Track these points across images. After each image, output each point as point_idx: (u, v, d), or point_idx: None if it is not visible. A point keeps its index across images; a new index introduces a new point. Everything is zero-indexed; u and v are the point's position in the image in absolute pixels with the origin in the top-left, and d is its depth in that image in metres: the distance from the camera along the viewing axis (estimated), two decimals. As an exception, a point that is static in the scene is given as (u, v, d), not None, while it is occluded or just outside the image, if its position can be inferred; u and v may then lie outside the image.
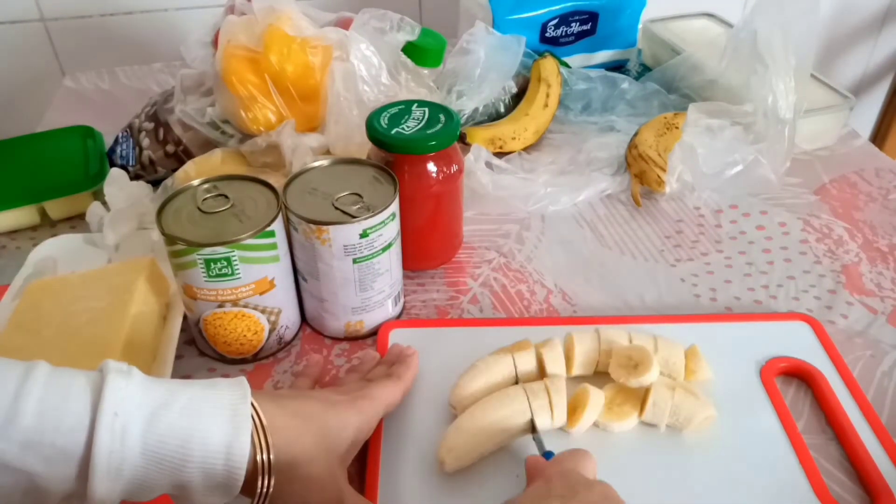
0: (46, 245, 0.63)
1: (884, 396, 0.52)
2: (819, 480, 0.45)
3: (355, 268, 0.52)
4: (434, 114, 0.57)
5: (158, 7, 1.10)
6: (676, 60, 0.83)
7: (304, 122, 0.65)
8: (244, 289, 0.50)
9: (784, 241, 0.67)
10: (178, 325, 0.54)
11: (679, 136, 0.71)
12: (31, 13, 1.07)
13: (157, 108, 0.72)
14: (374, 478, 0.45)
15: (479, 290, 0.62)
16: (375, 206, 0.50)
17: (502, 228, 0.69)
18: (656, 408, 0.48)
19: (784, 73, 0.69)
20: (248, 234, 0.48)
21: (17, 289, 0.58)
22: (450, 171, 0.57)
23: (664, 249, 0.66)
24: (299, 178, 0.54)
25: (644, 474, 0.46)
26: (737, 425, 0.49)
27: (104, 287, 0.53)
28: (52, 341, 0.49)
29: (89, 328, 0.50)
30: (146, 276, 0.53)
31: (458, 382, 0.49)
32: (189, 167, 0.65)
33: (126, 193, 0.63)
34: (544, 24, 0.87)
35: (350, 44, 0.64)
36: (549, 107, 0.80)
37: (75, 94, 0.95)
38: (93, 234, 0.64)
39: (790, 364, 0.53)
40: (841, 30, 1.40)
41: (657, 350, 0.51)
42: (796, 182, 0.75)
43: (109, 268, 0.57)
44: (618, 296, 0.61)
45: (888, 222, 0.69)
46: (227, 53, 0.62)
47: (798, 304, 0.60)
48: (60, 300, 0.53)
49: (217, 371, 0.55)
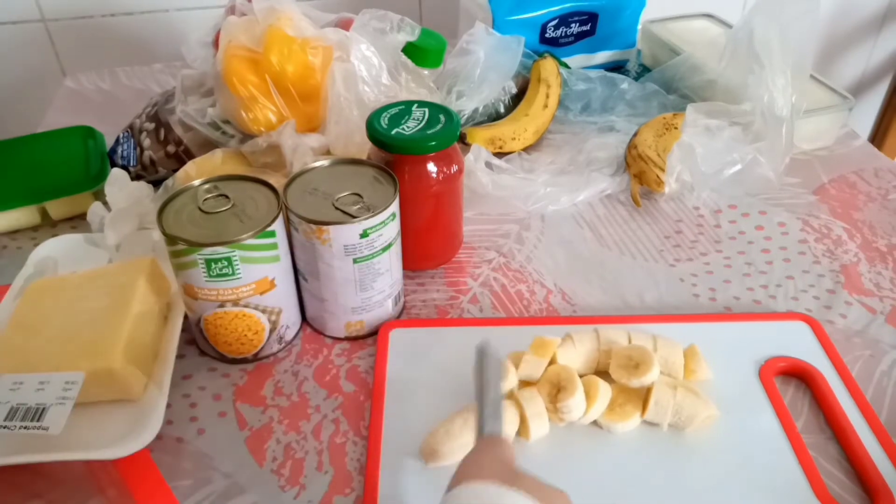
0: (47, 245, 0.63)
1: (883, 396, 0.52)
2: (818, 480, 0.45)
3: (355, 268, 0.52)
4: (434, 114, 0.58)
5: (159, 7, 1.10)
6: (676, 61, 0.83)
7: (305, 122, 0.65)
8: (245, 288, 0.50)
9: (783, 241, 0.67)
10: (179, 324, 0.54)
11: (678, 136, 0.72)
12: (32, 13, 1.07)
13: (157, 109, 0.72)
14: (374, 477, 0.46)
15: (479, 289, 0.62)
16: (375, 207, 0.51)
17: (502, 228, 0.69)
18: (658, 407, 0.48)
19: (782, 72, 0.70)
20: (248, 234, 0.48)
21: (17, 289, 0.58)
22: (450, 171, 0.57)
23: (664, 249, 0.66)
24: (300, 178, 0.54)
25: (645, 474, 0.46)
26: (736, 425, 0.49)
27: (105, 287, 0.53)
28: (54, 341, 0.49)
29: (90, 327, 0.50)
30: (147, 276, 0.53)
31: (432, 432, 0.47)
32: (189, 167, 0.65)
33: (127, 193, 0.63)
34: (544, 24, 0.87)
35: (350, 44, 0.64)
36: (548, 107, 0.80)
37: (76, 94, 0.95)
38: (93, 234, 0.64)
39: (789, 364, 0.53)
40: (840, 30, 1.40)
41: (656, 350, 0.51)
42: (795, 182, 0.75)
43: (110, 267, 0.57)
44: (617, 296, 0.61)
45: (887, 222, 0.69)
46: (227, 54, 0.62)
47: (797, 303, 0.60)
48: (61, 300, 0.53)
49: (217, 370, 0.55)
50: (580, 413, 0.48)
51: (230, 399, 0.53)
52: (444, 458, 0.46)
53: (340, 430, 0.50)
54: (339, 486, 0.47)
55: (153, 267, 0.55)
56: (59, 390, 0.45)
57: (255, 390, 0.53)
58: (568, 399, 0.47)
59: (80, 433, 0.47)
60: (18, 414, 0.44)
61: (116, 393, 0.49)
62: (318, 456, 0.49)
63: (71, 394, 0.45)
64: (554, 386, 0.48)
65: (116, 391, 0.49)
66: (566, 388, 0.47)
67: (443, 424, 0.47)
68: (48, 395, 0.45)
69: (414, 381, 0.52)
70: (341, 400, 0.52)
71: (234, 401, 0.52)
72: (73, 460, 0.46)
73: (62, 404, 0.44)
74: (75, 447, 0.46)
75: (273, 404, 0.52)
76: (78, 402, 0.45)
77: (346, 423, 0.51)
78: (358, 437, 0.50)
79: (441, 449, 0.46)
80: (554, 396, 0.47)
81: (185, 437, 0.50)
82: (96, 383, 0.47)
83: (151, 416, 0.47)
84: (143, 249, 0.60)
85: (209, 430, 0.50)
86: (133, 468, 0.46)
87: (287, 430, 0.50)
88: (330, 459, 0.48)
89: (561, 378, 0.48)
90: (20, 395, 0.45)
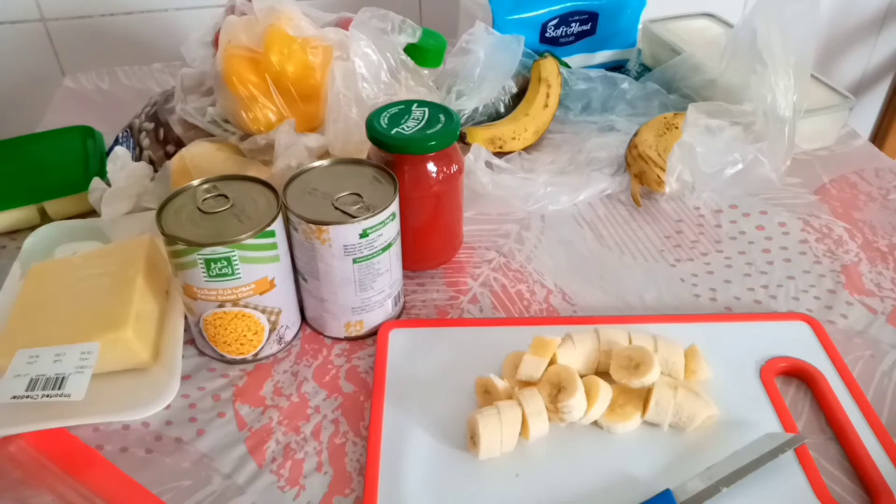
0: (43, 229, 0.65)
1: (883, 396, 0.52)
2: (819, 480, 0.45)
3: (355, 268, 0.52)
4: (434, 114, 0.57)
5: (158, 7, 1.10)
6: (676, 60, 0.83)
7: (305, 122, 0.65)
8: (244, 289, 0.50)
9: (784, 241, 0.67)
10: (181, 324, 0.55)
11: (679, 135, 0.71)
12: (31, 13, 1.07)
13: (157, 108, 0.72)
14: (374, 477, 0.46)
15: (479, 289, 0.62)
16: (375, 206, 0.50)
17: (502, 228, 0.69)
18: (659, 407, 0.48)
19: (783, 72, 0.70)
20: (248, 234, 0.48)
21: (17, 273, 0.61)
22: (450, 171, 0.57)
23: (664, 249, 0.66)
24: (299, 178, 0.54)
25: (645, 474, 0.46)
26: (736, 425, 0.49)
27: (108, 264, 0.55)
28: (63, 317, 0.52)
29: (98, 301, 0.52)
30: (146, 253, 0.56)
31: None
32: (184, 152, 0.64)
33: (127, 172, 0.64)
34: (544, 24, 0.87)
35: (350, 42, 0.64)
36: (549, 107, 0.80)
37: (75, 94, 0.95)
38: (88, 220, 0.66)
39: (790, 364, 0.53)
40: (841, 30, 1.40)
41: (657, 350, 0.51)
42: (796, 182, 0.75)
43: (110, 247, 0.60)
44: (618, 296, 0.61)
45: (888, 222, 0.69)
46: (227, 53, 0.62)
47: (798, 304, 0.60)
48: (65, 279, 0.55)
49: (217, 371, 0.55)
50: (581, 413, 0.47)
51: (230, 399, 0.52)
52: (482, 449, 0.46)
53: (340, 431, 0.50)
54: (339, 486, 0.47)
55: (151, 244, 0.57)
56: (76, 360, 0.48)
57: (255, 391, 0.53)
58: (568, 399, 0.47)
59: (101, 400, 0.50)
60: (39, 384, 0.47)
61: (129, 361, 0.52)
62: (317, 456, 0.48)
63: (89, 363, 0.48)
64: (554, 386, 0.48)
65: (129, 360, 0.51)
66: (566, 388, 0.47)
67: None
68: (66, 366, 0.47)
69: (414, 381, 0.52)
70: (341, 400, 0.52)
71: (234, 401, 0.52)
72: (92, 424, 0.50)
73: (81, 372, 0.47)
74: (97, 413, 0.50)
75: (272, 405, 0.52)
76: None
77: (345, 424, 0.51)
78: (358, 438, 0.50)
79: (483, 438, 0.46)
80: (554, 397, 0.47)
81: (185, 437, 0.50)
82: (110, 353, 0.50)
83: (170, 379, 0.52)
84: (143, 229, 0.62)
85: (209, 431, 0.50)
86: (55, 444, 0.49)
87: (286, 430, 0.50)
88: (330, 460, 0.48)
89: (561, 378, 0.48)
90: (38, 367, 0.48)
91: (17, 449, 0.48)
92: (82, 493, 0.45)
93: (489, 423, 0.46)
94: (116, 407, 0.51)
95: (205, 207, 0.50)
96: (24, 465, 0.47)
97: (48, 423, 0.49)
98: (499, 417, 0.46)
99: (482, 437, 0.45)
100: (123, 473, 0.47)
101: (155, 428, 0.50)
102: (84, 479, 0.46)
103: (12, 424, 0.49)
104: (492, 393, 0.49)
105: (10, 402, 0.46)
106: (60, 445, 0.48)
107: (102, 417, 0.50)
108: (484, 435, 0.45)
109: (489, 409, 0.47)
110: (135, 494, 0.46)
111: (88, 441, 0.49)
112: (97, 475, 0.47)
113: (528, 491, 0.45)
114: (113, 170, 0.63)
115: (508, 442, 0.47)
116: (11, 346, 0.49)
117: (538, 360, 0.49)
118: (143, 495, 0.46)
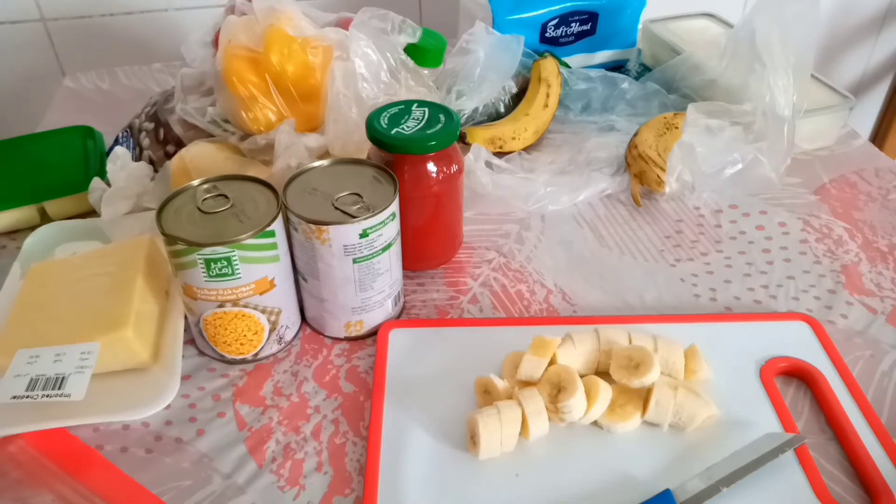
0: (43, 229, 0.65)
1: (883, 396, 0.52)
2: (819, 480, 0.45)
3: (355, 268, 0.52)
4: (434, 114, 0.57)
5: (158, 7, 1.10)
6: (676, 60, 0.83)
7: (305, 122, 0.65)
8: (244, 289, 0.50)
9: (784, 241, 0.67)
10: (181, 324, 0.55)
11: (679, 135, 0.71)
12: (31, 13, 1.07)
13: (157, 108, 0.72)
14: (374, 477, 0.46)
15: (479, 289, 0.62)
16: (375, 206, 0.50)
17: (502, 228, 0.69)
18: (659, 407, 0.48)
19: (783, 72, 0.69)
20: (248, 234, 0.48)
21: (17, 273, 0.61)
22: (450, 171, 0.57)
23: (664, 249, 0.66)
24: (299, 178, 0.54)
25: (645, 474, 0.46)
26: (736, 425, 0.49)
27: (108, 264, 0.55)
28: (64, 316, 0.52)
29: (98, 301, 0.52)
30: (146, 253, 0.56)
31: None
32: (184, 152, 0.64)
33: (127, 172, 0.64)
34: (544, 24, 0.87)
35: (350, 42, 0.64)
36: (549, 107, 0.80)
37: (75, 94, 0.95)
38: (88, 220, 0.66)
39: (790, 364, 0.53)
40: (841, 30, 1.40)
41: (657, 350, 0.51)
42: (796, 182, 0.75)
43: (110, 247, 0.60)
44: (618, 296, 0.61)
45: (888, 222, 0.69)
46: (227, 53, 0.62)
47: (798, 303, 0.60)
48: (65, 279, 0.55)
49: (217, 371, 0.55)
50: (581, 413, 0.47)
51: (230, 399, 0.52)
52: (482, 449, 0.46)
53: (340, 431, 0.50)
54: (339, 486, 0.47)
55: (151, 244, 0.57)
56: (76, 360, 0.48)
57: (255, 391, 0.53)
58: (568, 399, 0.47)
59: (101, 400, 0.50)
60: (39, 384, 0.47)
61: (129, 361, 0.52)
62: (317, 456, 0.48)
63: (89, 363, 0.48)
64: (554, 386, 0.48)
65: (129, 360, 0.52)
66: (566, 388, 0.47)
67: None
68: (66, 366, 0.47)
69: (414, 381, 0.52)
70: (341, 400, 0.52)
71: (234, 401, 0.52)
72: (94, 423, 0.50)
73: (81, 372, 0.47)
74: (97, 413, 0.50)
75: (272, 405, 0.52)
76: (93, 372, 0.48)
77: (345, 424, 0.51)
78: (358, 438, 0.50)
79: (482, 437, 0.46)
80: (554, 397, 0.47)
81: (185, 437, 0.50)
82: (110, 353, 0.50)
83: (170, 380, 0.52)
84: (141, 229, 0.62)
85: (209, 431, 0.50)
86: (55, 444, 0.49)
87: (287, 430, 0.50)
88: (329, 460, 0.48)
89: (561, 378, 0.48)
90: (38, 367, 0.48)
91: (17, 449, 0.48)
92: (82, 493, 0.45)
93: (489, 423, 0.46)
94: (116, 407, 0.51)
95: (205, 207, 0.50)
96: (24, 465, 0.47)
97: (48, 423, 0.49)
98: (499, 417, 0.46)
99: (482, 437, 0.45)
100: (123, 473, 0.47)
101: (155, 428, 0.50)
102: (84, 479, 0.46)
103: (12, 424, 0.49)
104: (492, 393, 0.49)
105: (10, 402, 0.46)
106: (60, 445, 0.49)
107: (102, 417, 0.50)
108: (484, 435, 0.45)
109: (489, 409, 0.47)
110: (135, 494, 0.46)
111: (88, 441, 0.49)
112: (97, 475, 0.47)
113: (528, 491, 0.45)
114: (113, 170, 0.64)
115: (508, 442, 0.47)
116: (11, 346, 0.49)
117: (538, 360, 0.49)
118: (143, 495, 0.46)
